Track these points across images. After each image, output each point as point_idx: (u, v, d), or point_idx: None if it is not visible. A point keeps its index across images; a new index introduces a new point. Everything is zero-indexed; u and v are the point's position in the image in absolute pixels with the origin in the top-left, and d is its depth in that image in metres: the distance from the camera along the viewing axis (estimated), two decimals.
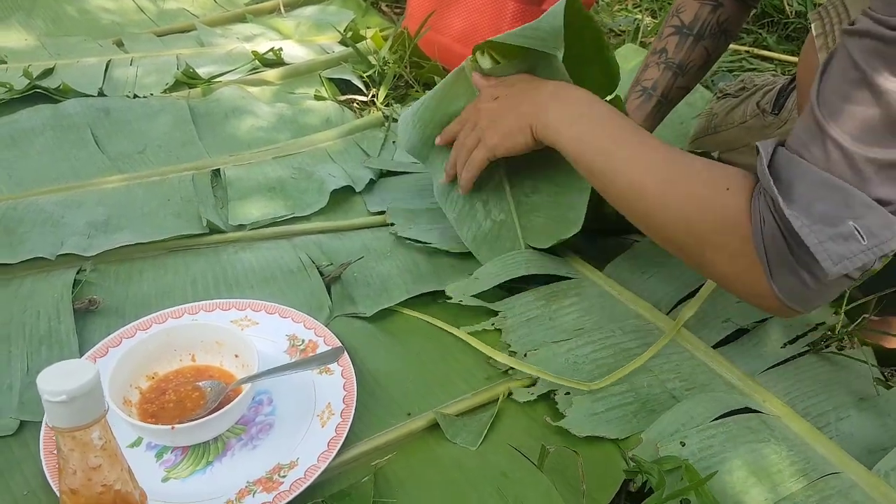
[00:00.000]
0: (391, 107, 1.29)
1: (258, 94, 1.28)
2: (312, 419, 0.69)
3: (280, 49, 1.40)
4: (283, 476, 0.63)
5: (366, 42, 1.45)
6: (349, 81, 1.35)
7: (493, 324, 0.82)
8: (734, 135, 1.16)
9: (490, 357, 0.78)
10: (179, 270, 0.88)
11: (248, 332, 0.76)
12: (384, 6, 1.74)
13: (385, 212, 1.01)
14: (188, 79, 1.29)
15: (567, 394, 0.73)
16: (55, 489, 0.60)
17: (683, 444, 0.65)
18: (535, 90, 0.83)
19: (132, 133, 1.14)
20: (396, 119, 1.25)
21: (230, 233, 0.95)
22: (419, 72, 1.38)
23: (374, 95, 1.32)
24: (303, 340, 0.77)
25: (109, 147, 1.11)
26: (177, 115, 1.19)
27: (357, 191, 1.05)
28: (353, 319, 0.82)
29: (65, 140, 1.10)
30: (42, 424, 0.66)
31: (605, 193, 0.76)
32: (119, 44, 1.42)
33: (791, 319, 0.83)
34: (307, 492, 0.62)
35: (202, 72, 1.31)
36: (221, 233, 0.95)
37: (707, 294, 0.83)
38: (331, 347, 0.75)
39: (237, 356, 0.72)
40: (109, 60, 1.33)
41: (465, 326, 0.82)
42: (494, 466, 0.67)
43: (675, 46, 0.98)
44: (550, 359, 0.76)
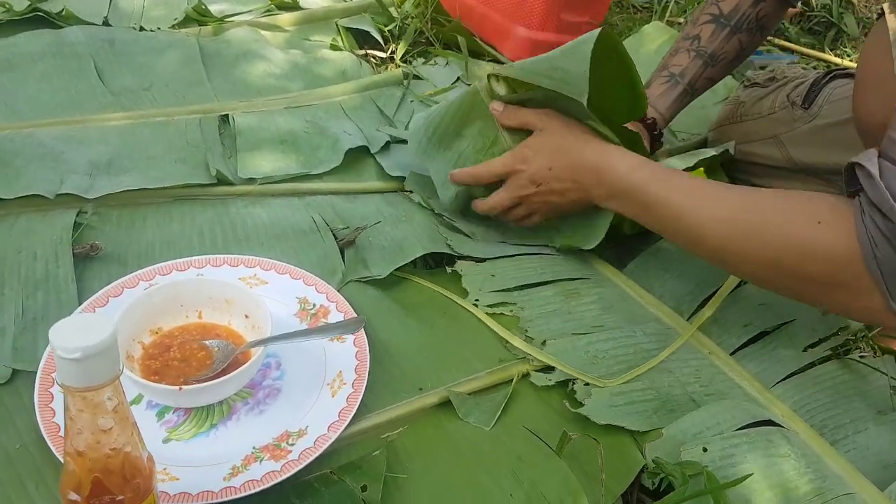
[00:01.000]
0: (410, 64, 1.24)
1: (270, 39, 1.22)
2: (322, 387, 0.66)
3: None
4: (292, 444, 0.61)
5: None
6: (367, 34, 1.29)
7: (511, 310, 0.79)
8: (760, 125, 1.12)
9: (507, 341, 0.75)
10: (185, 220, 0.83)
11: (257, 292, 0.73)
12: None
13: (401, 177, 0.97)
14: (199, 15, 1.23)
15: (587, 384, 0.70)
16: (50, 445, 0.56)
17: (706, 450, 0.64)
18: (577, 169, 0.80)
19: (137, 67, 1.08)
20: (417, 76, 1.20)
21: (239, 185, 0.91)
22: (440, 29, 1.33)
23: (393, 51, 1.26)
24: (314, 304, 0.74)
25: (112, 81, 1.05)
26: (185, 53, 1.13)
27: (372, 151, 1.01)
28: (367, 287, 0.79)
29: (65, 69, 1.04)
30: (37, 374, 0.62)
31: (693, 252, 0.75)
32: None
33: (813, 323, 0.81)
34: (315, 462, 0.59)
35: (214, 9, 1.25)
36: (230, 184, 0.90)
37: (726, 294, 0.81)
38: (344, 315, 0.72)
39: (247, 316, 0.68)
40: None
41: (482, 306, 0.79)
42: (509, 449, 0.65)
43: (710, 35, 0.94)
44: (570, 350, 0.74)
